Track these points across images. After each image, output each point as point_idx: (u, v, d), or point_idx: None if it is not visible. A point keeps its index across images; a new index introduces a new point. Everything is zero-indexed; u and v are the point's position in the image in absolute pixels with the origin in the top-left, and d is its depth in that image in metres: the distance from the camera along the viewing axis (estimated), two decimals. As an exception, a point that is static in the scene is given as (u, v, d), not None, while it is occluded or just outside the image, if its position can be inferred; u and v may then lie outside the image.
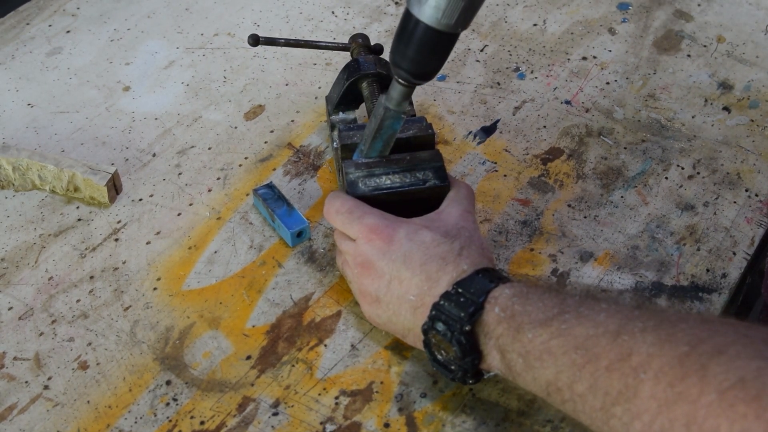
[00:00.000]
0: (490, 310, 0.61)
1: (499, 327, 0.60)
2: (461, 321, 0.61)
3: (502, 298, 0.61)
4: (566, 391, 0.55)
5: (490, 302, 0.61)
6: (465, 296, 0.62)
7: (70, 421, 0.67)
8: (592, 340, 0.54)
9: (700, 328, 0.51)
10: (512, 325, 0.59)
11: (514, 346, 0.59)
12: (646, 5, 1.11)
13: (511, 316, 0.60)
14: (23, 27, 1.09)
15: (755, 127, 0.93)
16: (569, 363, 0.55)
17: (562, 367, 0.55)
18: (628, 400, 0.50)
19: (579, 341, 0.55)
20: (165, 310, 0.75)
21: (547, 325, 0.57)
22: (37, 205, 0.85)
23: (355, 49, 0.92)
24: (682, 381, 0.48)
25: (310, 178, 0.88)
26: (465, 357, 0.61)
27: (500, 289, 0.62)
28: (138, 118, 0.95)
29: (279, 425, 0.67)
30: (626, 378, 0.51)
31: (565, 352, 0.55)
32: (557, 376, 0.56)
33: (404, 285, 0.66)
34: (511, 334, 0.59)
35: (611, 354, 0.53)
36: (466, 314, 0.61)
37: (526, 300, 0.60)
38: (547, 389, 0.57)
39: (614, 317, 0.55)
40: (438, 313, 0.63)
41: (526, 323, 0.58)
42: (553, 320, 0.57)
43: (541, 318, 0.58)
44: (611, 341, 0.53)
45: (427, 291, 0.65)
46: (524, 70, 1.01)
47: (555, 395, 0.56)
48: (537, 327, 0.58)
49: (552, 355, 0.56)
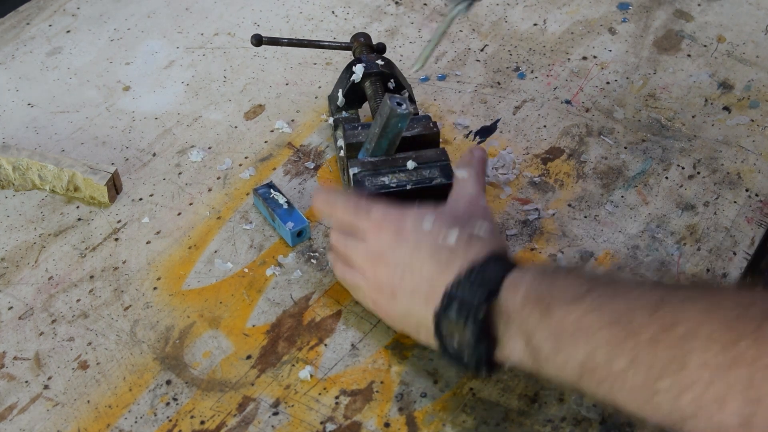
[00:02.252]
0: (511, 295, 0.58)
1: (524, 310, 0.57)
2: (475, 306, 0.59)
3: (525, 281, 0.58)
4: (603, 370, 0.52)
5: (508, 288, 0.59)
6: (479, 281, 0.60)
7: (70, 421, 0.67)
8: (631, 314, 0.51)
9: (744, 295, 0.49)
10: (539, 306, 0.56)
11: (542, 327, 0.55)
12: (647, 5, 1.11)
13: (537, 297, 0.57)
14: (23, 27, 1.09)
15: (755, 127, 0.93)
16: (606, 339, 0.51)
17: (597, 345, 0.52)
18: (676, 372, 0.47)
19: (615, 315, 0.51)
20: (165, 309, 0.75)
21: (579, 301, 0.54)
22: (37, 204, 0.85)
23: (357, 48, 0.92)
24: (735, 345, 0.45)
25: (310, 178, 0.88)
26: (479, 343, 0.59)
27: (519, 273, 0.59)
28: (138, 118, 0.95)
29: (279, 425, 0.67)
30: (672, 349, 0.48)
31: (601, 327, 0.52)
32: (592, 354, 0.52)
33: (416, 275, 0.64)
34: (537, 315, 0.56)
35: (653, 326, 0.49)
36: (480, 299, 0.59)
37: (552, 280, 0.57)
38: (580, 371, 0.53)
39: (652, 291, 0.52)
40: (450, 300, 0.60)
41: (556, 302, 0.55)
42: (585, 297, 0.54)
43: (572, 296, 0.55)
44: (652, 313, 0.50)
45: (439, 279, 0.62)
46: (524, 70, 1.01)
47: (589, 377, 0.53)
48: (568, 305, 0.54)
49: (586, 332, 0.53)
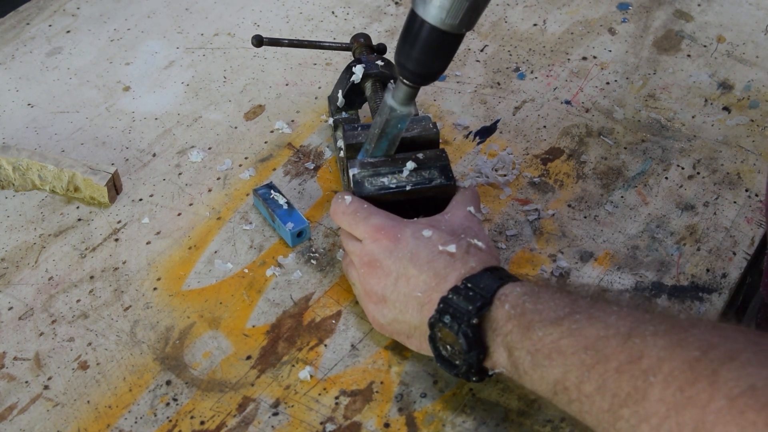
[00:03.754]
0: (499, 307, 0.61)
1: (508, 324, 0.60)
2: (469, 314, 0.61)
3: (513, 296, 0.61)
4: (573, 391, 0.55)
5: (499, 299, 0.61)
6: (474, 291, 0.62)
7: (70, 421, 0.67)
8: (603, 342, 0.54)
9: (712, 334, 0.50)
10: (522, 322, 0.59)
11: (523, 343, 0.58)
12: (646, 5, 1.11)
13: (521, 313, 0.59)
14: (23, 27, 1.09)
15: (755, 127, 0.93)
16: (578, 363, 0.54)
17: (570, 367, 0.55)
18: (637, 403, 0.50)
19: (589, 342, 0.55)
20: (165, 310, 0.75)
21: (558, 324, 0.57)
22: (37, 205, 0.85)
23: (357, 48, 0.92)
24: (692, 386, 0.48)
25: (310, 178, 0.88)
26: (470, 350, 0.61)
27: (510, 286, 0.62)
28: (138, 118, 0.95)
29: (279, 425, 0.67)
30: (635, 380, 0.51)
31: (575, 351, 0.55)
32: (565, 375, 0.55)
33: (411, 282, 0.66)
34: (520, 331, 0.59)
35: (621, 356, 0.52)
36: (474, 307, 0.61)
37: (537, 299, 0.60)
38: (554, 388, 0.57)
39: (625, 320, 0.55)
40: (446, 306, 0.62)
41: (537, 321, 0.58)
42: (564, 320, 0.57)
43: (552, 317, 0.58)
44: (622, 343, 0.53)
45: (435, 287, 0.65)
46: (524, 70, 1.01)
47: (562, 395, 0.56)
48: (547, 326, 0.57)
49: (561, 354, 0.56)
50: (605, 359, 0.53)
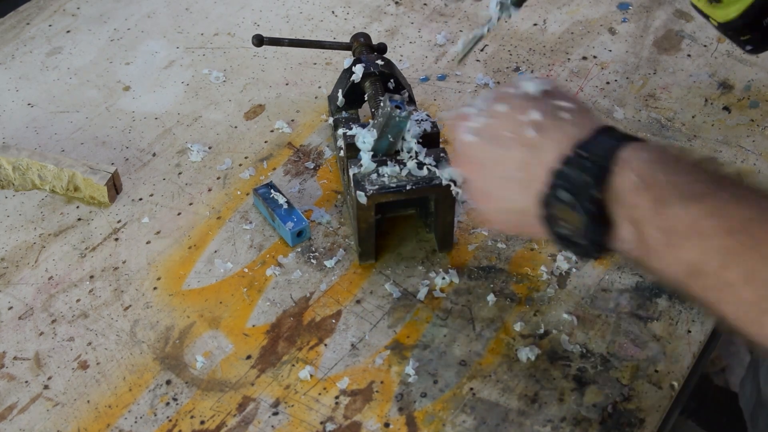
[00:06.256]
0: (623, 175, 0.53)
1: (636, 196, 0.52)
2: (588, 186, 0.54)
3: (638, 163, 0.53)
4: (712, 278, 0.49)
5: (621, 165, 0.53)
6: (589, 159, 0.54)
7: (70, 421, 0.67)
8: (753, 225, 0.48)
9: None
10: (654, 195, 0.52)
11: (654, 219, 0.52)
12: (646, 5, 1.11)
13: (652, 185, 0.52)
14: (23, 27, 1.09)
15: (755, 127, 0.93)
16: (722, 247, 0.49)
17: (711, 250, 0.49)
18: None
19: (736, 224, 0.48)
20: (165, 309, 0.75)
21: (698, 201, 0.50)
22: (37, 204, 0.85)
23: (357, 48, 0.92)
24: None
25: (310, 178, 0.88)
26: (594, 227, 0.54)
27: (633, 151, 0.54)
28: (138, 118, 0.95)
29: (279, 425, 0.67)
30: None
31: (718, 233, 0.49)
32: (704, 259, 0.49)
33: (503, 164, 0.59)
34: (651, 205, 0.52)
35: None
36: (593, 179, 0.53)
37: (670, 169, 0.53)
38: (687, 272, 0.51)
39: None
40: (559, 181, 0.55)
41: (672, 196, 0.51)
42: (706, 197, 0.50)
43: (690, 192, 0.51)
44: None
45: (532, 161, 0.57)
46: (524, 70, 1.01)
47: (696, 279, 0.50)
48: (685, 202, 0.50)
49: (702, 236, 0.49)
50: (756, 245, 0.47)
